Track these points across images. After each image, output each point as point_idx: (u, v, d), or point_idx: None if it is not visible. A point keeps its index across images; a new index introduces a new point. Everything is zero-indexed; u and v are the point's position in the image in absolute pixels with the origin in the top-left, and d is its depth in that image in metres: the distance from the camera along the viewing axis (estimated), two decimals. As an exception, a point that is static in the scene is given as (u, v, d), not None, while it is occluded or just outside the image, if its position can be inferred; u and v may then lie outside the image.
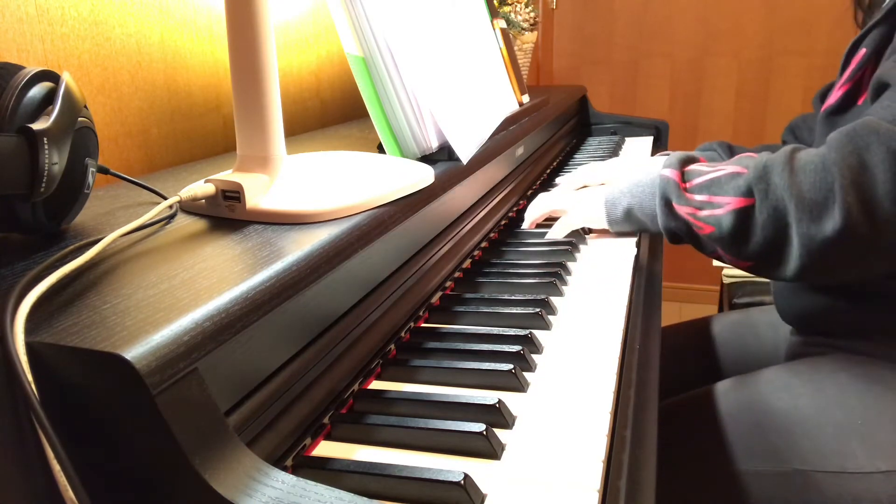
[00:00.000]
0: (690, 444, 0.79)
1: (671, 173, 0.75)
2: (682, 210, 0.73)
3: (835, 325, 0.84)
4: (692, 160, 0.79)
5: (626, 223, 0.83)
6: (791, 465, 0.71)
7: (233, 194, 0.53)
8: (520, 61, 1.74)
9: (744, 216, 0.68)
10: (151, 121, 0.83)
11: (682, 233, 0.75)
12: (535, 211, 0.95)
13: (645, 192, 0.79)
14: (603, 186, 0.88)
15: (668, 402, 0.87)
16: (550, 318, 0.66)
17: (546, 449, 0.46)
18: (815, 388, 0.76)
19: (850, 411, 0.72)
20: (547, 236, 0.90)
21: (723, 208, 0.70)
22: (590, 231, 0.92)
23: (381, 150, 0.72)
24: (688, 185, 0.74)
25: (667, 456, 0.76)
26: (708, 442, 0.77)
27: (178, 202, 0.52)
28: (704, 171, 0.74)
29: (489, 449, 0.45)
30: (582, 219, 0.88)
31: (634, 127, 1.80)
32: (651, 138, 1.74)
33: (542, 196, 0.96)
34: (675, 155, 0.79)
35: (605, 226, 0.86)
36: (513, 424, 0.49)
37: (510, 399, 0.52)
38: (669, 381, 1.03)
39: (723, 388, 0.83)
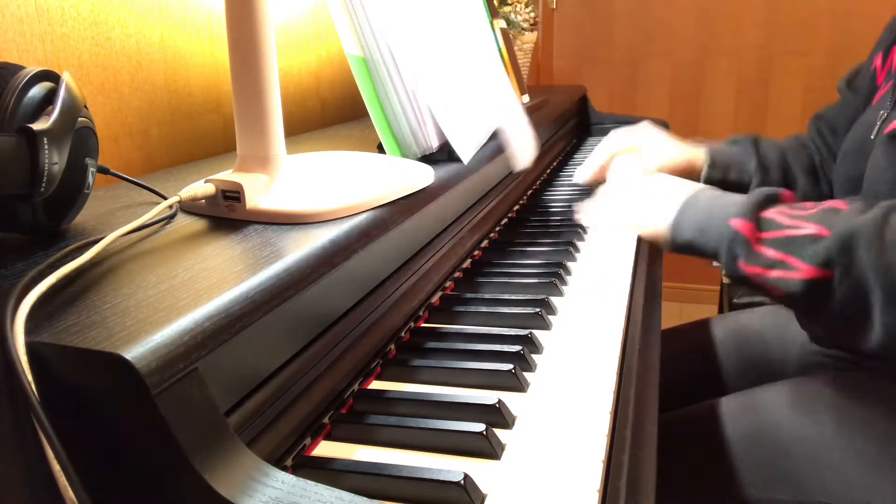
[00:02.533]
0: (696, 465, 0.76)
1: (743, 226, 0.67)
2: (750, 270, 0.66)
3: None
4: (771, 200, 0.69)
5: (685, 252, 0.75)
6: (813, 496, 0.68)
7: (233, 194, 0.53)
8: (520, 61, 1.74)
9: (818, 289, 0.61)
10: (151, 121, 0.83)
11: (747, 284, 0.69)
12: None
13: (711, 228, 0.71)
14: (678, 199, 0.77)
15: (671, 416, 0.83)
16: (550, 318, 0.66)
17: (546, 449, 0.46)
18: (841, 415, 0.73)
19: (878, 442, 0.69)
20: (586, 221, 0.88)
21: (795, 273, 0.62)
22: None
23: (381, 150, 0.72)
24: (761, 236, 0.66)
25: (670, 476, 0.72)
26: (716, 464, 0.74)
27: (178, 202, 0.52)
28: (783, 225, 0.66)
29: (489, 449, 0.45)
30: (642, 231, 0.80)
31: (634, 127, 1.79)
32: (651, 138, 1.73)
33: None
34: (754, 198, 0.69)
35: (656, 239, 0.78)
36: (513, 424, 0.49)
37: (510, 399, 0.52)
38: (670, 392, 0.99)
39: (733, 406, 0.79)
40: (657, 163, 1.01)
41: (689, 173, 1.02)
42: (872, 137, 0.79)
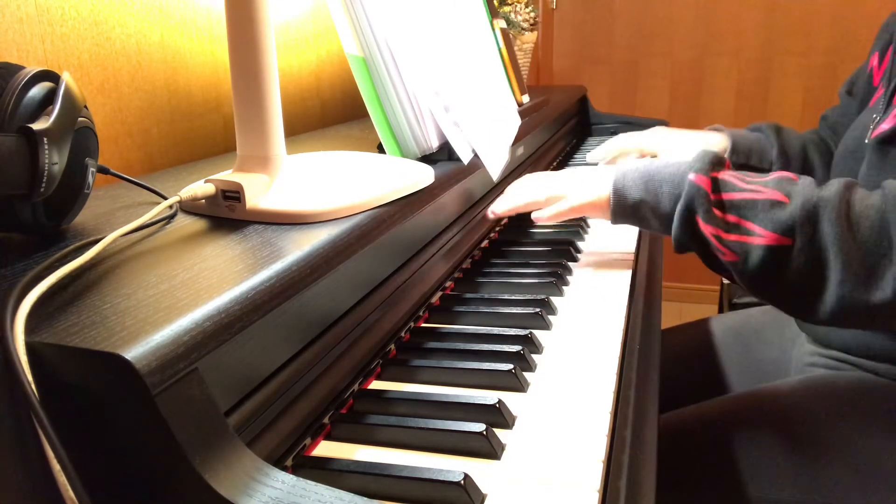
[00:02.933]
0: (696, 465, 0.75)
1: (701, 181, 0.66)
2: (707, 229, 0.65)
3: (855, 346, 0.80)
4: (721, 163, 0.70)
5: (632, 218, 0.74)
6: (812, 496, 0.68)
7: (233, 194, 0.53)
8: (520, 61, 1.74)
9: (777, 255, 0.62)
10: (151, 121, 0.83)
11: (695, 247, 0.68)
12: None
13: (662, 189, 0.70)
14: (612, 169, 0.76)
15: (671, 416, 0.83)
16: (550, 318, 0.66)
17: (546, 449, 0.46)
18: (840, 415, 0.73)
19: (878, 444, 0.69)
20: (534, 215, 0.79)
21: (754, 238, 0.63)
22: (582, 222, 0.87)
23: (381, 150, 0.72)
24: (720, 196, 0.66)
25: (670, 476, 0.73)
26: (715, 464, 0.74)
27: (178, 202, 0.52)
28: (739, 187, 0.66)
29: (489, 449, 0.45)
30: (582, 202, 0.76)
31: (634, 127, 1.79)
32: (651, 138, 1.73)
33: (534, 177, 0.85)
34: (705, 156, 0.69)
35: (605, 216, 0.76)
36: (513, 424, 0.49)
37: (510, 399, 0.52)
38: (670, 392, 1.00)
39: (732, 406, 0.79)
40: None
41: None
42: (867, 141, 0.79)
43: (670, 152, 1.05)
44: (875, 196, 0.61)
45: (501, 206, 0.82)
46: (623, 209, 0.74)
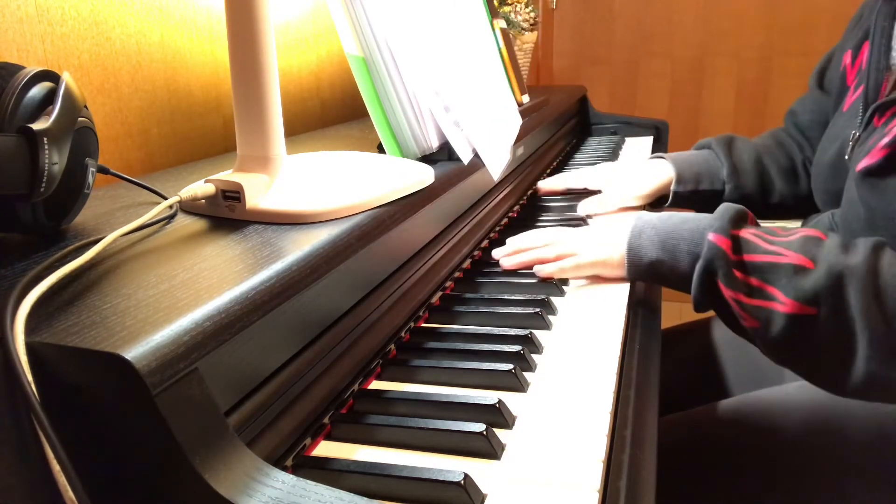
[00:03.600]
0: (694, 468, 0.75)
1: (720, 241, 0.63)
2: (727, 292, 0.62)
3: None
4: (743, 219, 0.66)
5: (648, 276, 0.71)
6: (809, 501, 0.68)
7: (233, 194, 0.53)
8: (520, 61, 1.74)
9: (801, 325, 0.59)
10: (151, 121, 0.83)
11: (716, 309, 0.65)
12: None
13: (680, 248, 0.66)
14: (627, 226, 0.73)
15: (671, 418, 0.82)
16: (550, 318, 0.66)
17: (546, 449, 0.46)
18: (838, 421, 0.72)
19: (876, 450, 0.69)
20: (536, 269, 0.75)
21: (778, 305, 0.59)
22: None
23: (381, 150, 0.72)
24: (741, 258, 0.63)
25: (669, 479, 0.72)
26: (714, 468, 0.73)
27: (178, 202, 0.52)
28: (762, 248, 0.62)
29: (489, 449, 0.45)
30: (594, 259, 0.73)
31: (634, 127, 1.79)
32: (651, 138, 1.74)
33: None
34: (725, 212, 0.66)
35: (618, 273, 0.73)
36: (513, 424, 0.49)
37: (510, 399, 0.52)
38: (670, 391, 0.99)
39: (731, 410, 0.79)
40: (620, 202, 0.99)
41: (666, 194, 1.01)
42: (847, 158, 0.78)
43: (617, 188, 1.01)
44: None
45: (509, 263, 0.78)
46: (638, 269, 0.71)
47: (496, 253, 0.81)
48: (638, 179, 1.01)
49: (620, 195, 1.00)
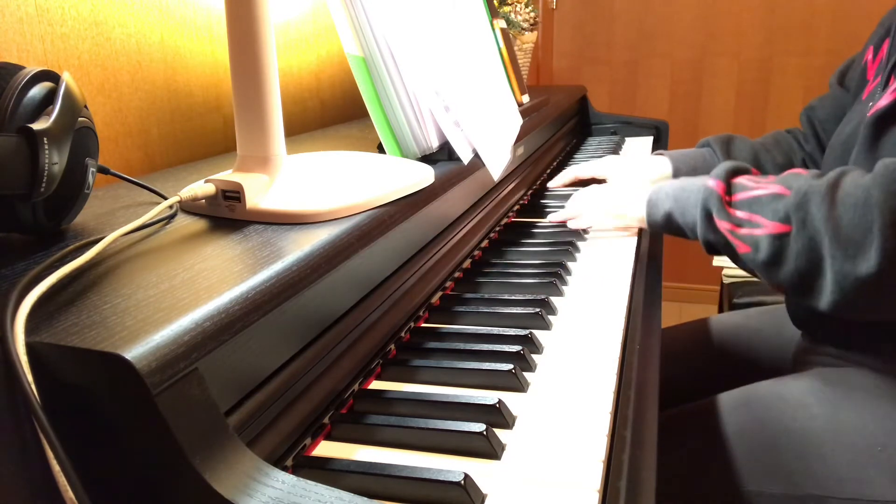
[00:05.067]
0: (693, 458, 0.76)
1: (716, 185, 0.73)
2: (722, 225, 0.72)
3: (849, 338, 0.82)
4: (741, 171, 0.75)
5: (665, 227, 0.82)
6: (805, 488, 0.69)
7: (233, 194, 0.53)
8: (520, 61, 1.74)
9: (779, 243, 0.66)
10: (151, 121, 0.83)
11: (720, 246, 0.74)
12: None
13: (689, 199, 0.77)
14: (647, 187, 0.86)
15: (670, 413, 0.84)
16: (550, 318, 0.66)
17: (546, 449, 0.46)
18: (832, 409, 0.74)
19: (869, 436, 0.70)
20: (571, 223, 0.93)
21: (761, 230, 0.68)
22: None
23: (381, 150, 0.72)
24: (731, 198, 0.72)
25: (668, 470, 0.74)
26: (712, 457, 0.75)
27: (179, 202, 0.52)
28: (750, 187, 0.71)
29: (489, 449, 0.45)
30: (618, 213, 0.89)
31: (634, 127, 1.80)
32: (651, 138, 1.74)
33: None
34: (725, 165, 0.76)
35: (641, 224, 0.86)
36: (513, 424, 0.49)
37: (510, 399, 0.52)
38: (670, 389, 1.00)
39: (729, 401, 0.80)
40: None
41: None
42: (863, 122, 0.80)
43: (621, 177, 1.13)
44: (866, 176, 0.64)
45: (561, 216, 0.96)
46: (656, 221, 0.83)
47: (551, 217, 0.97)
48: (639, 172, 1.10)
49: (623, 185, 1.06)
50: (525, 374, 0.55)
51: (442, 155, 0.73)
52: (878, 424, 0.71)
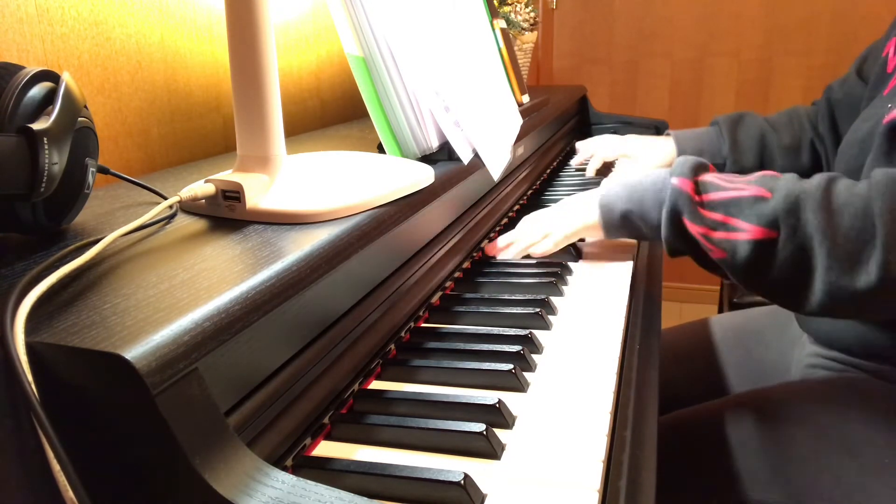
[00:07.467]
0: (695, 466, 0.75)
1: (684, 184, 0.68)
2: (694, 229, 0.67)
3: (860, 345, 0.80)
4: (703, 168, 0.71)
5: (623, 229, 0.77)
6: (810, 499, 0.68)
7: (233, 194, 0.53)
8: (520, 61, 1.74)
9: (764, 249, 0.63)
10: (151, 121, 0.83)
11: (686, 249, 0.70)
12: (516, 247, 0.83)
13: (646, 197, 0.72)
14: (598, 190, 0.80)
15: (671, 417, 0.83)
16: (550, 318, 0.66)
17: (546, 449, 0.46)
18: (840, 420, 0.72)
19: (878, 449, 0.69)
20: (532, 251, 0.82)
21: (740, 234, 0.64)
22: (583, 239, 0.88)
23: (381, 150, 0.72)
24: (703, 198, 0.67)
25: (669, 477, 0.73)
26: (715, 465, 0.74)
27: (178, 202, 0.52)
28: (723, 187, 0.67)
29: (489, 449, 0.45)
30: (576, 227, 0.80)
31: (634, 127, 1.79)
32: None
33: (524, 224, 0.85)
34: (686, 161, 0.71)
35: (599, 234, 0.80)
36: (513, 424, 0.49)
37: (510, 399, 0.52)
38: (670, 391, 1.00)
39: (732, 408, 0.79)
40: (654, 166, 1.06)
41: None
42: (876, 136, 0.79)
43: (645, 153, 1.17)
44: (861, 185, 0.62)
45: (507, 255, 0.84)
46: (612, 223, 0.77)
47: (492, 250, 0.85)
48: (646, 154, 1.14)
49: (651, 163, 1.12)
50: (525, 373, 0.55)
51: (442, 155, 0.73)
52: (887, 438, 0.70)
